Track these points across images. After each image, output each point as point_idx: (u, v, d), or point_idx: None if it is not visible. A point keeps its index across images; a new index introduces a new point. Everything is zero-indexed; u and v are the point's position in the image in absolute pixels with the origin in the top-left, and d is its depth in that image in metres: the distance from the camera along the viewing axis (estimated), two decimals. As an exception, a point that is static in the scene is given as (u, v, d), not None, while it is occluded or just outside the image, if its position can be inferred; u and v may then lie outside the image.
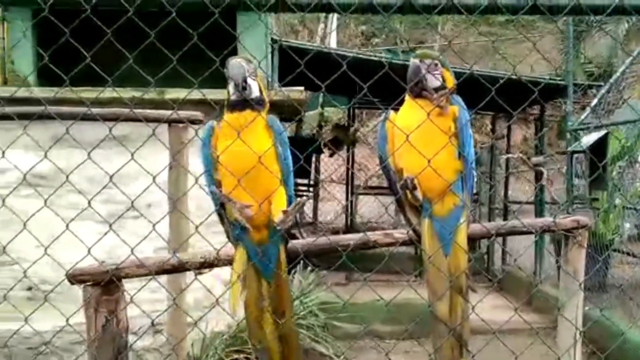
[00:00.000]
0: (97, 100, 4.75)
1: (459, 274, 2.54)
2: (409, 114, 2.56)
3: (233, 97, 2.43)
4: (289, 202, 2.45)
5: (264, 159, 2.36)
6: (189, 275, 4.09)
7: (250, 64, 2.45)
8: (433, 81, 2.57)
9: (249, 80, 2.43)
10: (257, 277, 2.47)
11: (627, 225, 9.25)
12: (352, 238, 2.75)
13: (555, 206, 9.41)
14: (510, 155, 10.43)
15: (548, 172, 9.18)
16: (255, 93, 2.44)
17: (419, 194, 2.53)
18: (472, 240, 2.73)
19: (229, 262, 2.53)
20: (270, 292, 2.48)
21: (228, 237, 2.53)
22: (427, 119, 2.43)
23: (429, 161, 2.43)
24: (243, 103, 2.42)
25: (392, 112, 2.66)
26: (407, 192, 2.55)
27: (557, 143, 14.22)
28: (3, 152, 2.38)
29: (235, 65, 2.43)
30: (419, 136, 2.45)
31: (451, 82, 2.61)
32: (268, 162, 2.39)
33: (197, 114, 4.56)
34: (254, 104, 2.42)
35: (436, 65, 2.58)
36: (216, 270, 3.44)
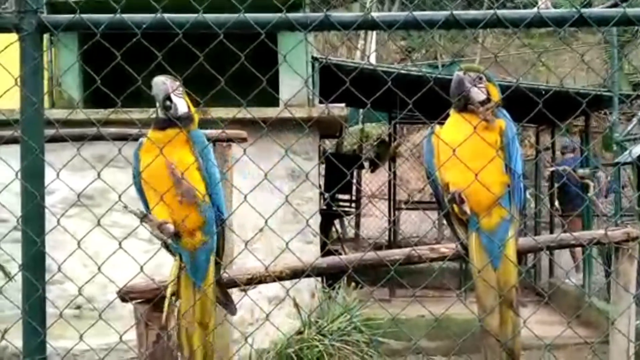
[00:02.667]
0: (140, 121, 4.85)
1: (509, 288, 2.52)
2: (455, 128, 2.55)
3: (160, 115, 2.47)
4: (209, 215, 2.48)
5: (184, 174, 2.40)
6: (233, 292, 4.13)
7: (175, 81, 2.47)
8: (478, 94, 2.56)
9: (174, 98, 2.45)
10: (190, 284, 2.52)
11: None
12: (398, 253, 2.74)
13: (603, 218, 9.24)
14: (555, 168, 10.27)
15: (594, 184, 9.02)
16: (182, 110, 2.47)
17: (466, 207, 2.52)
18: (523, 254, 2.71)
19: (278, 277, 2.55)
20: (198, 301, 2.52)
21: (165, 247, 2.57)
22: (474, 132, 2.42)
23: (476, 175, 2.42)
24: (169, 121, 2.45)
25: (437, 126, 2.65)
26: (455, 206, 2.54)
27: (602, 154, 13.98)
28: (58, 174, 2.44)
29: (158, 83, 2.45)
30: (466, 150, 2.44)
31: (496, 95, 2.59)
32: (189, 177, 2.42)
33: (241, 133, 4.61)
34: (182, 121, 2.45)
35: (480, 78, 2.58)
36: (260, 287, 3.47)
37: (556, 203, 10.31)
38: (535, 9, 2.32)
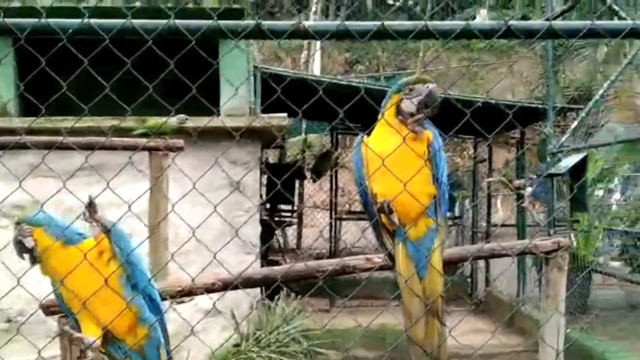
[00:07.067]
0: (75, 130, 4.74)
1: (435, 298, 2.53)
2: (384, 138, 2.54)
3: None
4: (140, 304, 2.44)
5: (101, 290, 2.34)
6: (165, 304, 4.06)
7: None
8: (409, 106, 2.53)
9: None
10: None
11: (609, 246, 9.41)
12: (331, 263, 2.73)
13: (537, 228, 9.45)
14: (492, 179, 10.47)
15: (529, 194, 9.22)
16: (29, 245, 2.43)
17: (395, 217, 2.51)
18: (453, 263, 2.72)
19: (207, 290, 2.51)
20: None
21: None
22: (403, 143, 2.41)
23: (404, 185, 2.41)
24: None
25: (366, 136, 2.63)
26: (384, 216, 2.54)
27: (538, 166, 14.32)
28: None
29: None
30: (394, 160, 2.43)
31: None
32: (109, 287, 2.36)
33: (178, 142, 4.55)
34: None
35: (411, 90, 2.55)
36: (196, 299, 3.42)
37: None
38: (464, 22, 2.34)
